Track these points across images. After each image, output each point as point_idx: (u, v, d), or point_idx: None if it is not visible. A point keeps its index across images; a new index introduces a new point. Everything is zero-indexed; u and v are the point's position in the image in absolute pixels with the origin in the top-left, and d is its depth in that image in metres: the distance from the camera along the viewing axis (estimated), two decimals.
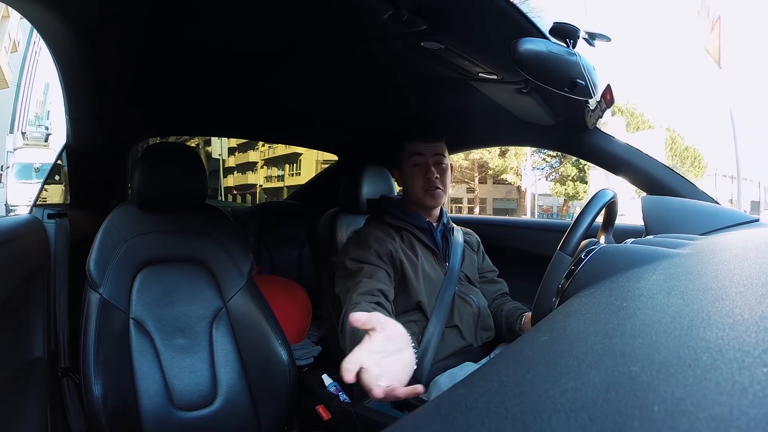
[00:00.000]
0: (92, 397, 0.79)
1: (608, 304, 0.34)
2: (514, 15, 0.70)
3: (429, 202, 1.08)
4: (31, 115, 10.98)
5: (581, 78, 0.78)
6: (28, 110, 10.84)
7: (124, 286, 0.93)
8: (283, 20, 0.82)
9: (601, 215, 0.77)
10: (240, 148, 13.68)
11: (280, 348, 0.98)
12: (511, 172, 14.16)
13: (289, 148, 11.31)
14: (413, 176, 1.09)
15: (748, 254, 0.41)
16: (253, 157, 14.03)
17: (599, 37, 0.85)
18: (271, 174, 13.93)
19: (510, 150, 13.14)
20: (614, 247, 0.52)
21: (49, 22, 0.82)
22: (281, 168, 13.68)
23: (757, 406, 0.13)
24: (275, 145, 10.43)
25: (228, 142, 11.64)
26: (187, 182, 1.03)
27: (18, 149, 8.27)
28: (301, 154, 12.45)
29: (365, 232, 1.06)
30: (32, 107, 11.18)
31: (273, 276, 1.70)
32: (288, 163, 13.40)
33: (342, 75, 1.11)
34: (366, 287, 0.89)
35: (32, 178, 6.74)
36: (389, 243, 1.02)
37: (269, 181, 13.90)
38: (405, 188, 1.13)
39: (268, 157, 13.63)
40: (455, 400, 0.20)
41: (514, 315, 1.06)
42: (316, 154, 11.40)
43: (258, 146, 13.18)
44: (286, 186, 13.01)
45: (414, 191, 1.09)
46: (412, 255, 1.04)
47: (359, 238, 1.04)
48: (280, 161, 13.53)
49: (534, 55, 0.73)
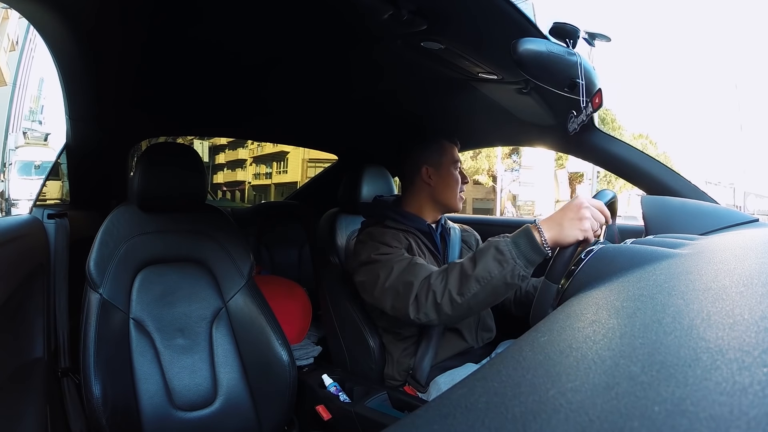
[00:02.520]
0: (92, 397, 0.79)
1: (608, 304, 0.34)
2: (514, 15, 0.70)
3: (459, 206, 1.10)
4: (26, 110, 11.11)
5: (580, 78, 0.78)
6: (23, 105, 10.94)
7: (124, 286, 0.92)
8: (283, 20, 0.82)
9: None
10: (230, 146, 13.75)
11: (280, 348, 0.98)
12: (483, 173, 14.29)
13: (277, 147, 11.40)
14: (454, 181, 1.08)
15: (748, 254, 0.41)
16: (242, 155, 14.09)
17: (599, 37, 0.85)
18: (259, 171, 13.99)
19: (482, 152, 13.26)
20: (614, 247, 0.52)
21: (49, 22, 0.82)
22: (269, 166, 13.76)
23: (757, 406, 0.13)
24: (264, 143, 10.52)
25: (216, 141, 11.73)
26: (187, 182, 1.03)
27: (19, 147, 8.55)
28: (288, 153, 12.55)
29: (377, 231, 1.02)
30: (27, 102, 11.30)
31: (273, 276, 1.70)
32: (275, 161, 13.49)
33: (342, 75, 1.11)
34: (425, 271, 0.85)
35: (33, 175, 7.08)
36: (404, 241, 1.00)
37: (257, 178, 13.96)
38: (439, 189, 1.08)
39: (257, 154, 13.69)
40: (455, 400, 0.20)
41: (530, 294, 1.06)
42: (303, 153, 11.54)
43: (247, 144, 13.26)
44: (274, 183, 13.14)
45: (452, 195, 1.08)
46: (421, 255, 1.03)
47: (374, 236, 1.00)
48: (268, 159, 13.62)
49: (534, 55, 0.73)
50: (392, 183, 1.37)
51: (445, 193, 1.08)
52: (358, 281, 0.97)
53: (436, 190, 1.08)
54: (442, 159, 1.09)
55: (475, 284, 0.75)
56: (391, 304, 0.88)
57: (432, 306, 0.80)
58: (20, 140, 9.17)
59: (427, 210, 1.10)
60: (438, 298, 0.79)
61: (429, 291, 0.81)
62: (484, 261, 0.75)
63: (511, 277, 0.73)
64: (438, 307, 0.80)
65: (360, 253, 0.99)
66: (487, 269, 0.74)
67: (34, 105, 11.71)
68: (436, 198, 1.09)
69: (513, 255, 0.73)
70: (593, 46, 0.85)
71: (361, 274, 0.97)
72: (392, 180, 1.39)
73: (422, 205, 1.10)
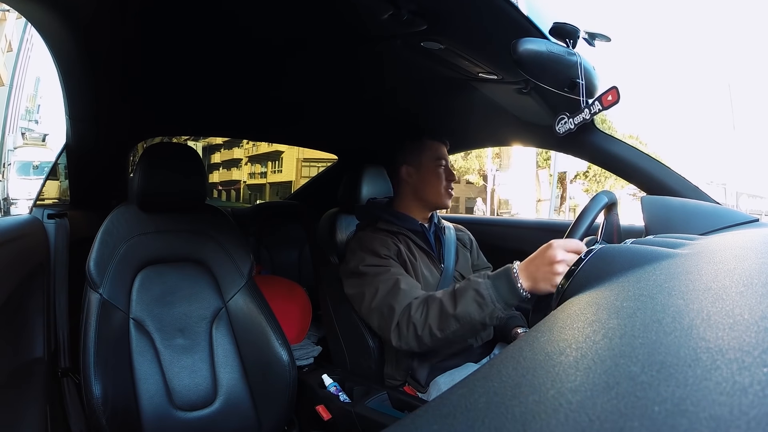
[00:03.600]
0: (92, 397, 0.79)
1: (608, 304, 0.34)
2: (514, 15, 0.70)
3: (447, 203, 1.10)
4: (22, 109, 11.22)
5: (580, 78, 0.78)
6: (20, 105, 11.04)
7: (124, 286, 0.92)
8: (283, 20, 0.82)
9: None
10: (225, 145, 13.81)
11: (280, 348, 0.98)
12: (473, 173, 14.35)
13: (272, 146, 11.48)
14: (437, 178, 1.09)
15: (748, 254, 0.41)
16: (237, 154, 14.15)
17: (599, 37, 0.85)
18: (254, 171, 14.04)
19: (472, 153, 13.34)
20: (614, 247, 0.52)
21: (49, 22, 0.82)
22: (264, 165, 13.82)
23: (757, 406, 0.13)
24: (259, 143, 10.58)
25: (212, 140, 11.77)
26: (187, 182, 1.03)
27: (18, 148, 8.66)
28: (282, 152, 12.63)
29: (367, 237, 1.03)
30: (23, 102, 11.41)
31: (273, 276, 1.70)
32: (270, 161, 13.55)
33: (342, 75, 1.11)
34: (413, 294, 0.88)
35: (31, 175, 7.15)
36: (392, 247, 1.02)
37: (252, 177, 14.03)
38: (421, 187, 1.10)
39: (252, 154, 13.74)
40: (455, 400, 0.20)
41: (509, 325, 1.08)
42: (297, 153, 11.61)
43: (243, 143, 13.34)
44: (269, 183, 13.20)
45: (435, 192, 1.09)
46: (411, 258, 1.04)
47: (362, 244, 1.01)
48: (263, 158, 13.68)
49: (534, 55, 0.73)
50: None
51: (427, 191, 1.09)
52: (348, 293, 1.01)
53: (418, 188, 1.10)
54: (421, 157, 1.10)
55: (454, 323, 0.79)
56: (377, 324, 0.93)
57: (413, 337, 0.84)
58: (19, 141, 9.28)
59: (415, 209, 1.11)
60: (418, 330, 0.83)
61: (409, 323, 0.84)
62: (464, 302, 0.77)
63: (489, 318, 0.76)
64: (419, 339, 0.84)
65: (348, 261, 1.02)
66: (467, 311, 0.77)
67: (30, 104, 11.78)
68: (420, 196, 1.10)
69: (492, 299, 0.75)
70: (593, 46, 0.85)
71: (348, 286, 1.00)
72: None
73: (409, 204, 1.12)
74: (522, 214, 8.71)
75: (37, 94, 11.84)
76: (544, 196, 11.40)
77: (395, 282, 0.91)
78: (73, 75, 1.00)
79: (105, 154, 1.35)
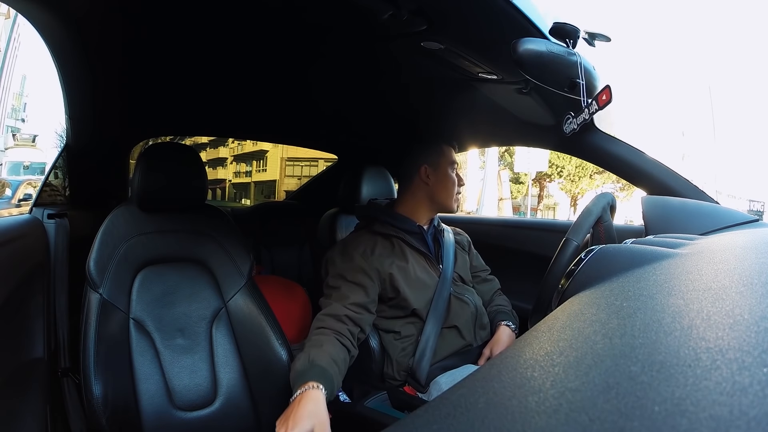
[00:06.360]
0: (92, 397, 0.79)
1: (608, 304, 0.34)
2: (514, 15, 0.70)
3: (455, 208, 1.12)
4: (8, 107, 11.33)
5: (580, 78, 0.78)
6: (6, 103, 11.12)
7: (124, 286, 0.92)
8: (282, 20, 0.82)
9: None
10: (211, 144, 13.80)
11: (280, 348, 0.98)
12: None
13: (257, 146, 11.46)
14: (450, 182, 1.10)
15: (748, 254, 0.41)
16: (223, 153, 14.15)
17: (599, 37, 0.85)
18: (239, 170, 14.06)
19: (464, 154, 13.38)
20: (614, 247, 0.52)
21: (49, 23, 0.82)
22: (249, 164, 13.84)
23: (757, 406, 0.13)
24: (244, 141, 10.65)
25: (197, 139, 11.83)
26: (187, 182, 1.03)
27: (9, 149, 8.78)
28: (267, 151, 12.63)
29: (351, 243, 1.06)
30: (9, 100, 11.50)
31: (273, 276, 1.70)
32: (255, 160, 13.57)
33: (342, 75, 1.11)
34: (334, 311, 0.93)
35: (21, 175, 7.36)
36: (376, 259, 1.02)
37: (238, 176, 14.04)
38: (437, 189, 1.10)
39: (237, 153, 13.76)
40: (455, 400, 0.20)
41: (494, 320, 1.11)
42: (281, 152, 11.62)
43: (228, 143, 13.35)
44: (254, 181, 13.19)
45: (448, 195, 1.10)
46: (403, 264, 1.04)
47: (345, 251, 1.04)
48: (248, 158, 13.70)
49: (534, 55, 0.73)
50: (392, 183, 1.37)
51: (442, 194, 1.10)
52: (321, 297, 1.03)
53: (434, 190, 1.10)
54: (440, 160, 1.10)
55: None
56: None
57: None
58: (9, 141, 9.41)
59: (422, 210, 1.11)
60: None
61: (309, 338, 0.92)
62: (303, 357, 0.85)
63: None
64: None
65: (329, 267, 1.04)
66: (295, 363, 0.86)
67: (16, 102, 11.86)
68: (434, 198, 1.10)
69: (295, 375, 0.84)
70: (593, 46, 0.85)
71: (323, 290, 1.03)
72: (392, 181, 1.39)
73: (418, 204, 1.11)
74: (483, 212, 8.81)
75: (23, 93, 11.88)
76: (506, 195, 11.50)
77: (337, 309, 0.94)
78: (74, 75, 1.00)
79: (105, 154, 1.36)
